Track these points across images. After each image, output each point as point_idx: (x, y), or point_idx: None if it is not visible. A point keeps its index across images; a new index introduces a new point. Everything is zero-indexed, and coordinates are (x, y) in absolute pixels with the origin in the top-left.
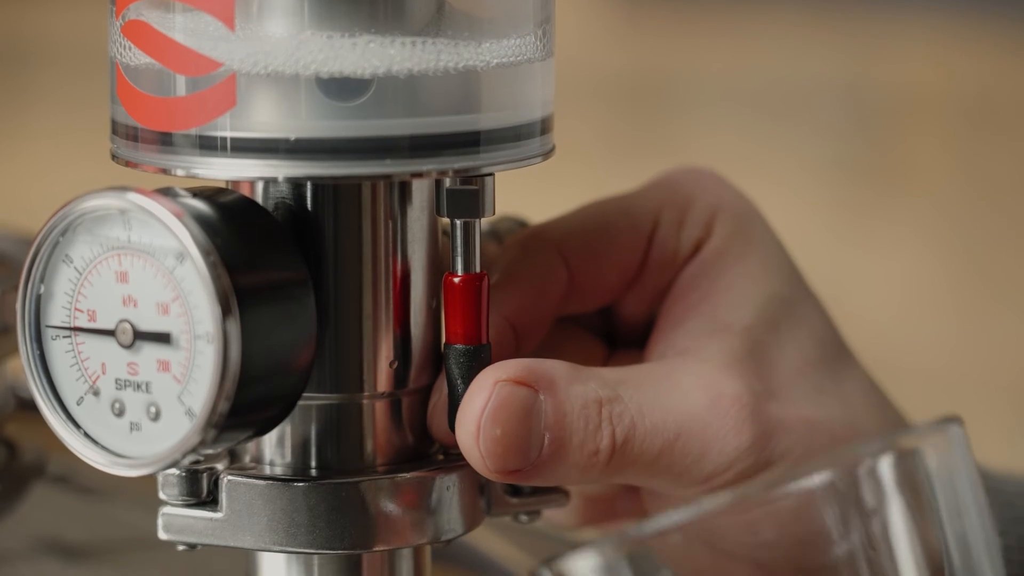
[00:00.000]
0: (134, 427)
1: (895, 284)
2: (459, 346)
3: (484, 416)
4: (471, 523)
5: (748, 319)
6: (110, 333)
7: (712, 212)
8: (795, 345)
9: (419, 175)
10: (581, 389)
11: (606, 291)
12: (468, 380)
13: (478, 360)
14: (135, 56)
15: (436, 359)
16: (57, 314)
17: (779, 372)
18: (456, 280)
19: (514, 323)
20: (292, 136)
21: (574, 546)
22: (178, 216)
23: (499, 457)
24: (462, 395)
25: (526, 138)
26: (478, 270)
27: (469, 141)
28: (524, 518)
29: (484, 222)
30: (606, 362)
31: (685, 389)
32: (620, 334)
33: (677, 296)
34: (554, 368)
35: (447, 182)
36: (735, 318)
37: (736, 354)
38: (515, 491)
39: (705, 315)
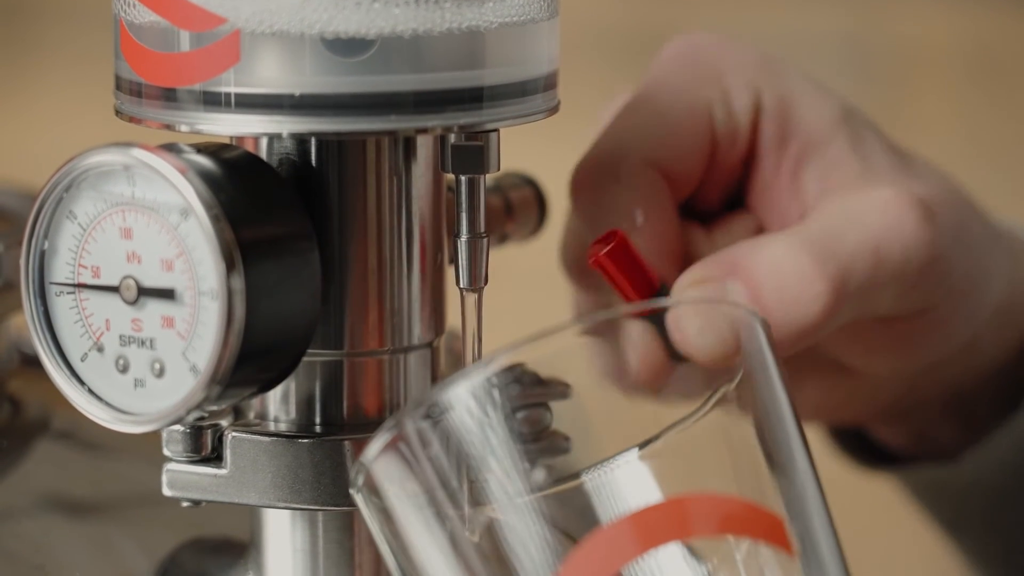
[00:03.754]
0: (138, 383)
1: None
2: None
3: (679, 325)
4: None
5: (848, 143)
6: (114, 289)
7: (749, 80)
8: (880, 140)
9: (424, 131)
10: (769, 252)
11: (691, 186)
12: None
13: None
14: (139, 12)
15: (440, 315)
16: (61, 270)
17: (898, 167)
18: (604, 252)
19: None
20: (296, 92)
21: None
22: (182, 172)
23: (713, 348)
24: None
25: (531, 94)
26: (483, 226)
27: (473, 97)
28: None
29: (489, 178)
30: (711, 238)
31: (859, 210)
32: (698, 214)
33: (774, 162)
34: (735, 250)
35: (452, 138)
36: (843, 151)
37: (874, 169)
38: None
39: (816, 164)
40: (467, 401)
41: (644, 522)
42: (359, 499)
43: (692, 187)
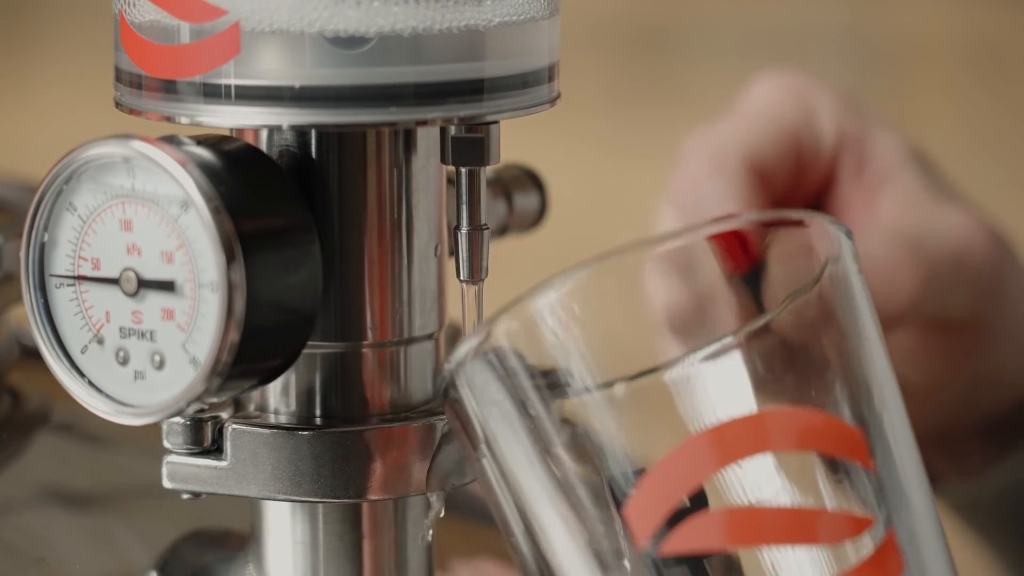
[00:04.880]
0: (138, 375)
1: None
2: None
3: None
4: None
5: (918, 175)
6: (114, 281)
7: (833, 114)
8: (939, 175)
9: (424, 123)
10: (865, 243)
11: (778, 193)
12: None
13: None
14: (139, 11)
15: (441, 307)
16: (61, 262)
17: (958, 199)
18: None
19: None
20: (296, 84)
21: None
22: (182, 164)
23: None
24: None
25: (531, 86)
26: (483, 219)
27: (474, 89)
28: None
29: (489, 170)
30: None
31: (940, 223)
32: None
33: (850, 186)
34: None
35: (452, 130)
36: (916, 181)
37: (941, 198)
38: None
39: (893, 190)
40: (553, 310)
41: (722, 437)
42: (448, 402)
43: (779, 194)
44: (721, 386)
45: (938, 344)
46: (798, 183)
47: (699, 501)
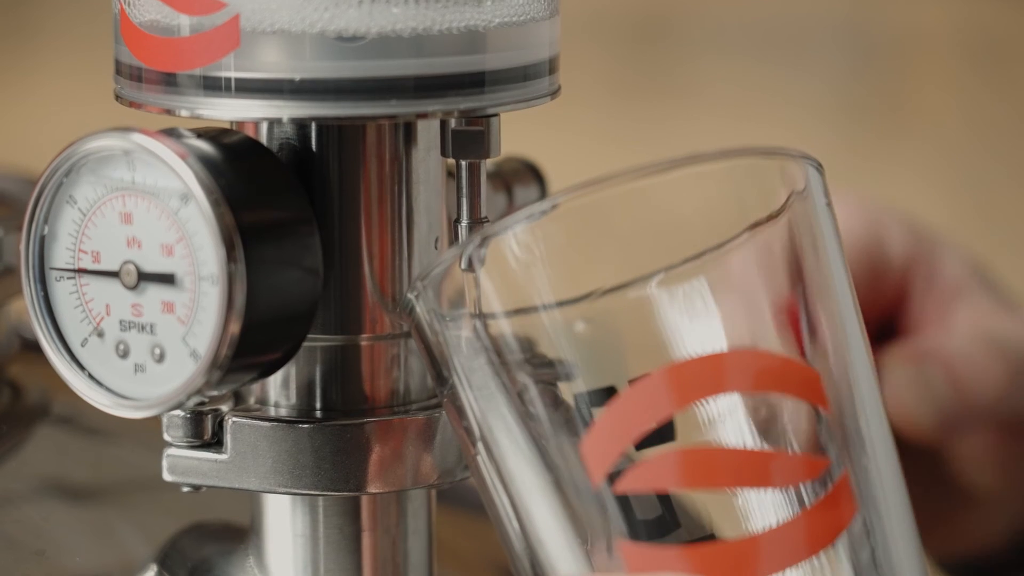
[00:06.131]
0: (138, 368)
1: None
2: None
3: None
4: None
5: (985, 288)
6: (114, 274)
7: (902, 234)
8: (997, 285)
9: (424, 116)
10: (958, 342)
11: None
12: None
13: None
14: (139, 11)
15: None
16: (61, 256)
17: (1017, 307)
18: None
19: None
20: (297, 76)
21: None
22: (182, 157)
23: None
24: None
25: (532, 78)
26: (483, 211)
27: (474, 82)
28: None
29: (489, 163)
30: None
31: (1015, 331)
32: None
33: (921, 301)
34: (923, 340)
35: (452, 122)
36: (983, 295)
37: (1007, 308)
38: None
39: (965, 304)
40: (517, 238)
41: (680, 376)
42: (413, 318)
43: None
44: (683, 311)
45: (1015, 447)
46: (872, 298)
47: (666, 435)
